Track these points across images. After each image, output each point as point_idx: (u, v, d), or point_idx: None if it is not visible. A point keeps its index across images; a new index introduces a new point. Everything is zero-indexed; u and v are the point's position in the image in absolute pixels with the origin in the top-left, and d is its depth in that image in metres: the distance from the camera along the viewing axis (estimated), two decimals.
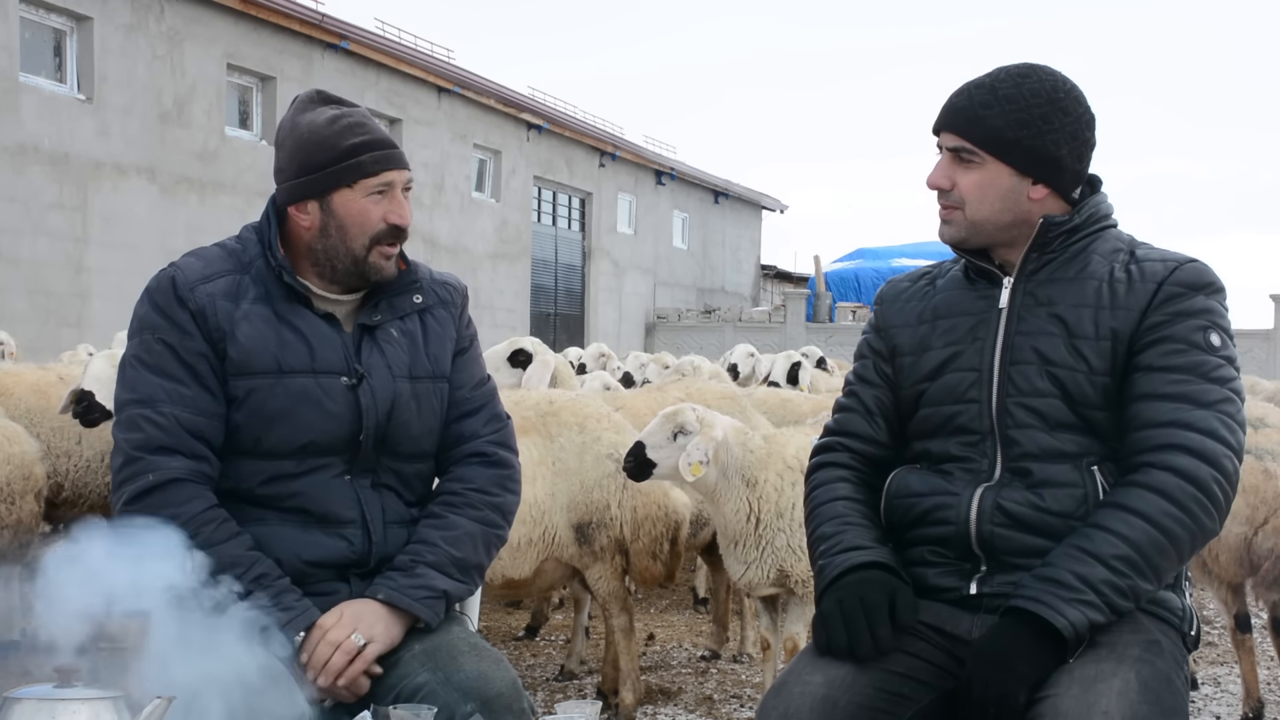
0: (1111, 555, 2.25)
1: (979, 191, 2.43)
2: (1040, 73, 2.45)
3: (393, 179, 2.61)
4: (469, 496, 2.69)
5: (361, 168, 2.58)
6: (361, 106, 2.70)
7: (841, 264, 31.96)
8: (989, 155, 2.42)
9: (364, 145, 2.59)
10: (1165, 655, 2.30)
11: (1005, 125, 2.40)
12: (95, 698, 1.85)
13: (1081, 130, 2.44)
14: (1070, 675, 2.22)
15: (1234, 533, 4.81)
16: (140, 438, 2.52)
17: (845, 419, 2.64)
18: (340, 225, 2.60)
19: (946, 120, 2.47)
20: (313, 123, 2.61)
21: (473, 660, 2.49)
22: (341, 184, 2.58)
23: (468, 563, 2.65)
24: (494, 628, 6.82)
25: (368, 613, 2.52)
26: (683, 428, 4.43)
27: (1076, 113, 2.44)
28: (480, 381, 2.81)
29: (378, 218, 2.60)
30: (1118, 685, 2.18)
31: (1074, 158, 2.44)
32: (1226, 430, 2.32)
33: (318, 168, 2.59)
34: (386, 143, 2.63)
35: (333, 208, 2.59)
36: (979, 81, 2.47)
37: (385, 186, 2.60)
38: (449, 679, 2.45)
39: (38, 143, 16.09)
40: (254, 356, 2.56)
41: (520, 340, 7.25)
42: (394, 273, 2.66)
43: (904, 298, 2.62)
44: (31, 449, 5.66)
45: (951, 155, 2.46)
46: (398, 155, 2.64)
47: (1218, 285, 2.40)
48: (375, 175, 2.59)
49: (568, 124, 27.34)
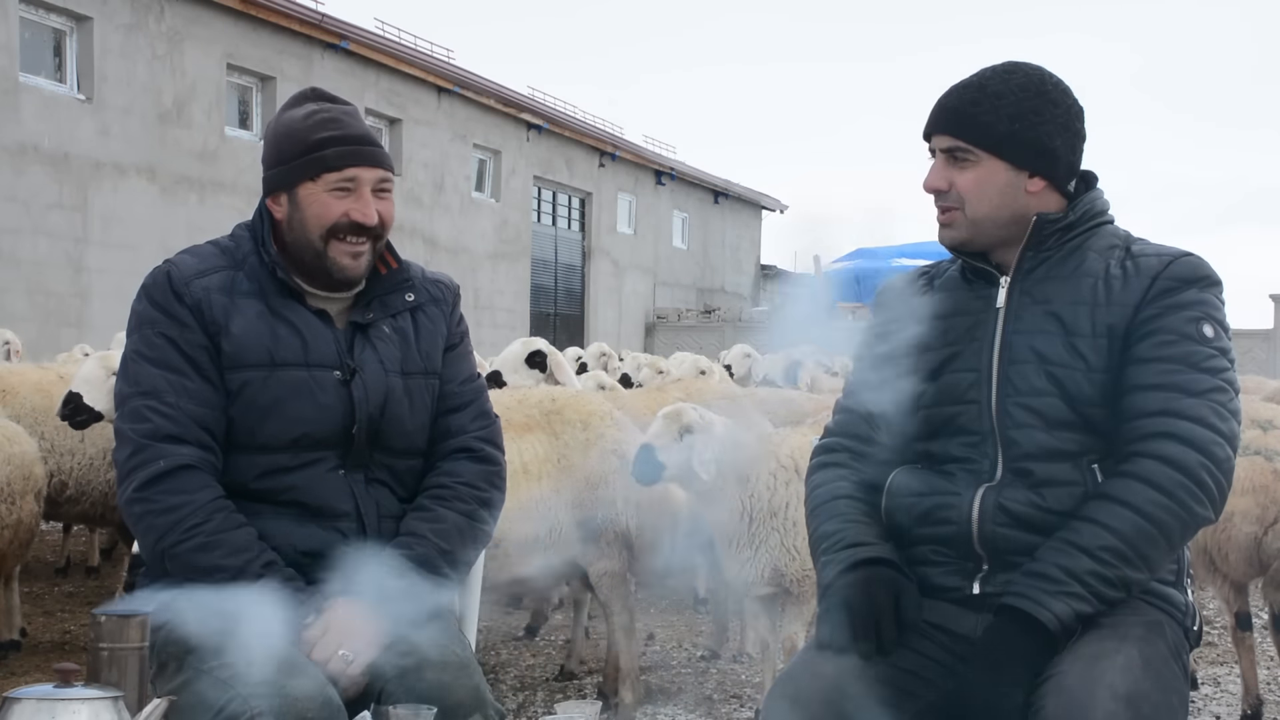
0: (1097, 546, 2.25)
1: (977, 189, 2.43)
2: (1025, 68, 2.45)
3: (358, 175, 2.60)
4: (457, 490, 2.70)
5: (324, 161, 2.58)
6: (354, 105, 2.71)
7: (841, 264, 31.95)
8: (984, 152, 2.42)
9: (331, 140, 2.59)
10: (1167, 637, 2.31)
11: (997, 120, 2.40)
12: (95, 698, 1.84)
13: (1072, 121, 2.44)
14: (1074, 653, 2.23)
15: (1244, 532, 4.82)
16: (148, 427, 2.53)
17: (845, 420, 2.64)
18: (302, 218, 2.61)
19: (937, 122, 2.47)
20: (291, 117, 2.64)
21: (434, 671, 2.46)
22: (305, 177, 2.60)
23: (455, 557, 2.65)
24: (494, 628, 6.82)
25: (354, 624, 2.48)
26: (688, 427, 4.42)
27: (1066, 104, 2.44)
28: (469, 378, 2.82)
29: (338, 212, 2.59)
30: (1121, 661, 2.19)
31: (1067, 149, 2.44)
32: (1217, 418, 2.30)
33: (286, 160, 2.61)
34: (359, 140, 2.62)
35: (298, 200, 2.61)
36: (965, 82, 2.47)
37: (349, 182, 2.60)
38: (411, 689, 2.43)
39: (38, 143, 16.10)
40: (247, 350, 2.57)
41: (535, 341, 7.28)
42: (361, 272, 2.65)
43: (901, 298, 2.61)
44: (31, 449, 5.66)
45: (946, 156, 2.45)
46: (369, 153, 2.62)
47: (1213, 278, 2.39)
48: (338, 170, 2.59)
49: (568, 124, 27.35)
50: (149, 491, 2.50)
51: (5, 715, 1.81)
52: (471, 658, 2.60)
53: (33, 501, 5.56)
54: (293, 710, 2.27)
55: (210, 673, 2.36)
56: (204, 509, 2.48)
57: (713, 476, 4.44)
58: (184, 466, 2.51)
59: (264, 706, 2.27)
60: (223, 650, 2.35)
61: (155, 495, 2.50)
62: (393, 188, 2.70)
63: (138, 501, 2.52)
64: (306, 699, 2.30)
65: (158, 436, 2.52)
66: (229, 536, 2.48)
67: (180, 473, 2.50)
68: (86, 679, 1.96)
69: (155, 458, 2.51)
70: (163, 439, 2.52)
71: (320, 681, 2.37)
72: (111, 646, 2.04)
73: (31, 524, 5.62)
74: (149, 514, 2.51)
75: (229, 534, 2.48)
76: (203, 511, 2.48)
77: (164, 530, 2.49)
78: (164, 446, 2.51)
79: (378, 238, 2.65)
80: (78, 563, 8.20)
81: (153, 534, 2.51)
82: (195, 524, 2.47)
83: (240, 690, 2.30)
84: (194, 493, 2.50)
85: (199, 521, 2.47)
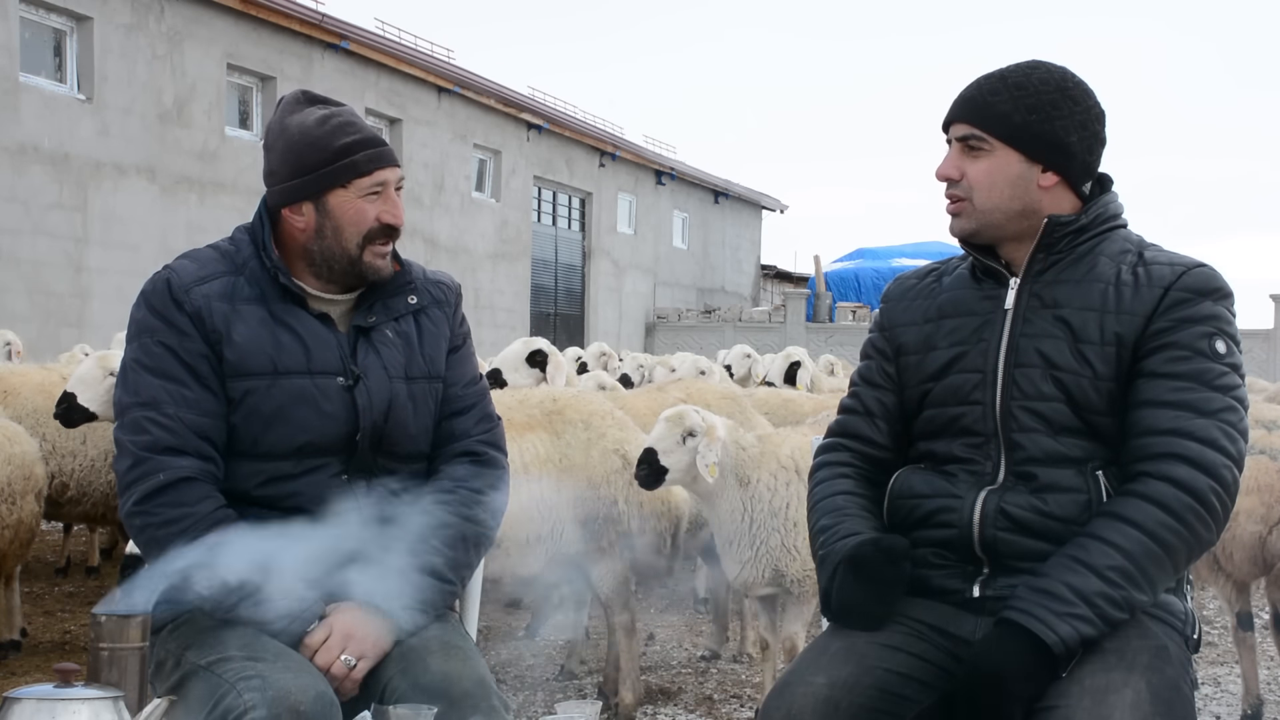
0: (1106, 566, 2.23)
1: (988, 179, 2.42)
2: (1049, 65, 2.46)
3: (386, 178, 2.61)
4: (459, 494, 2.68)
5: (355, 167, 2.58)
6: (348, 105, 2.70)
7: (841, 264, 31.96)
8: (997, 141, 2.41)
9: (356, 145, 2.58)
10: (1173, 661, 2.28)
11: (1013, 110, 2.40)
12: (95, 698, 1.84)
13: (1091, 122, 2.43)
14: (1080, 686, 2.20)
15: (1249, 531, 4.83)
16: (147, 439, 2.52)
17: (848, 421, 2.63)
18: (336, 226, 2.59)
19: (956, 111, 2.47)
20: (303, 124, 2.60)
21: (439, 660, 2.47)
22: (336, 184, 2.58)
23: (457, 562, 2.64)
24: (494, 628, 6.82)
25: (356, 627, 2.49)
26: (691, 430, 4.41)
27: (1086, 104, 2.43)
28: (472, 380, 2.80)
29: (372, 217, 2.59)
30: (1129, 696, 2.16)
31: (1084, 148, 2.43)
32: (1227, 440, 2.28)
33: (311, 169, 2.58)
34: (377, 141, 2.63)
35: (328, 208, 2.59)
36: (988, 74, 2.48)
37: (379, 186, 2.60)
38: (416, 681, 2.43)
39: (38, 143, 16.09)
40: (250, 358, 2.55)
41: (535, 340, 7.29)
42: (389, 271, 2.66)
43: (910, 296, 2.60)
44: (32, 449, 5.66)
45: (961, 145, 2.45)
46: (389, 153, 2.64)
47: (1225, 290, 2.37)
48: (369, 174, 2.59)
49: (568, 124, 27.34)
50: (149, 505, 2.50)
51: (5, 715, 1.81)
52: (475, 649, 2.60)
53: (33, 501, 5.57)
54: (285, 703, 2.27)
55: (208, 669, 2.37)
56: (204, 521, 2.48)
57: (716, 479, 4.44)
58: (184, 479, 2.50)
59: (257, 700, 2.27)
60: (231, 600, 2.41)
61: (155, 509, 2.49)
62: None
63: (138, 515, 2.51)
64: (299, 691, 2.29)
65: (157, 449, 2.51)
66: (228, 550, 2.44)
67: (180, 485, 2.49)
68: (86, 679, 1.96)
69: (155, 470, 2.50)
70: (162, 451, 2.50)
71: (314, 675, 2.37)
72: (111, 646, 2.04)
73: (32, 524, 5.62)
74: (149, 527, 2.51)
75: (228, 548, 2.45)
76: (203, 524, 2.47)
77: (164, 544, 2.47)
78: (163, 459, 2.50)
79: (398, 236, 2.66)
80: (78, 563, 8.20)
81: (154, 547, 2.51)
82: (195, 538, 2.46)
83: (235, 685, 2.30)
84: (193, 505, 2.49)
85: (199, 535, 2.46)
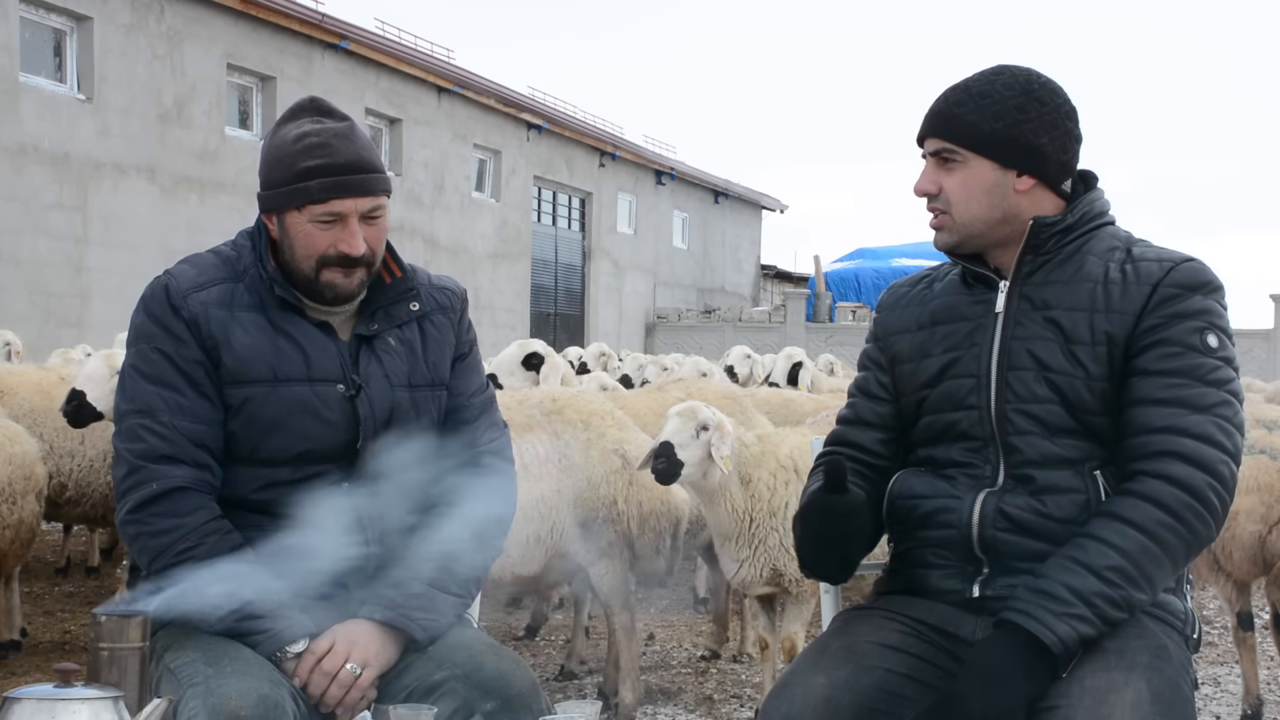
0: (1105, 566, 2.23)
1: (964, 190, 2.42)
2: (1013, 69, 2.45)
3: (342, 209, 2.50)
4: (465, 504, 2.64)
5: (307, 193, 2.50)
6: (351, 121, 2.61)
7: (841, 264, 31.96)
8: (969, 151, 2.41)
9: (317, 170, 2.49)
10: (1173, 661, 2.28)
11: (980, 119, 2.40)
12: (95, 698, 1.84)
13: (1061, 120, 2.42)
14: (1081, 686, 2.19)
15: (1249, 531, 4.82)
16: (142, 448, 2.50)
17: (845, 431, 2.64)
18: (291, 245, 2.55)
19: (926, 126, 2.47)
20: (284, 137, 2.55)
21: (493, 659, 2.51)
22: (290, 205, 2.52)
23: (465, 575, 2.62)
24: (494, 628, 6.82)
25: (361, 636, 2.47)
26: (704, 424, 4.43)
27: (1054, 103, 2.42)
28: (479, 389, 2.77)
29: (324, 245, 2.51)
30: (1130, 696, 2.16)
31: (1057, 148, 2.42)
32: (1223, 435, 2.28)
33: (274, 185, 2.54)
34: (346, 169, 2.50)
35: (286, 227, 2.55)
36: (954, 85, 2.47)
37: (332, 215, 2.51)
38: (469, 676, 2.46)
39: (38, 143, 16.09)
40: (249, 365, 2.53)
41: (531, 343, 7.28)
42: (355, 291, 2.58)
43: (903, 303, 2.60)
44: (32, 449, 5.66)
45: (935, 160, 2.45)
46: (356, 183, 2.50)
47: (1215, 284, 2.37)
48: (321, 203, 2.50)
49: (568, 124, 27.35)
50: (142, 514, 2.49)
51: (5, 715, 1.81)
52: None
53: (33, 501, 5.57)
54: (225, 710, 2.25)
55: (174, 672, 2.36)
56: (195, 533, 2.46)
57: (730, 471, 4.46)
58: (177, 489, 2.48)
59: (198, 707, 2.26)
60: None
61: (148, 518, 2.48)
62: (385, 210, 2.59)
63: (132, 523, 2.50)
64: (240, 697, 2.27)
65: (151, 457, 2.49)
66: (219, 563, 2.43)
67: (174, 495, 2.48)
68: (86, 679, 1.96)
69: (149, 480, 2.48)
70: (157, 460, 2.49)
71: (261, 680, 2.34)
72: (111, 646, 2.04)
73: (32, 524, 5.62)
74: (142, 536, 2.50)
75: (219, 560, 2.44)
76: (194, 535, 2.46)
77: (156, 553, 2.47)
78: (158, 468, 2.49)
79: (369, 265, 2.57)
80: (78, 563, 8.20)
81: (146, 556, 2.50)
82: (186, 548, 2.45)
83: (185, 690, 2.30)
84: (186, 516, 2.47)
85: (190, 545, 2.45)
